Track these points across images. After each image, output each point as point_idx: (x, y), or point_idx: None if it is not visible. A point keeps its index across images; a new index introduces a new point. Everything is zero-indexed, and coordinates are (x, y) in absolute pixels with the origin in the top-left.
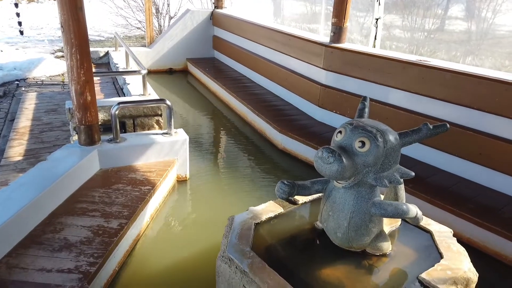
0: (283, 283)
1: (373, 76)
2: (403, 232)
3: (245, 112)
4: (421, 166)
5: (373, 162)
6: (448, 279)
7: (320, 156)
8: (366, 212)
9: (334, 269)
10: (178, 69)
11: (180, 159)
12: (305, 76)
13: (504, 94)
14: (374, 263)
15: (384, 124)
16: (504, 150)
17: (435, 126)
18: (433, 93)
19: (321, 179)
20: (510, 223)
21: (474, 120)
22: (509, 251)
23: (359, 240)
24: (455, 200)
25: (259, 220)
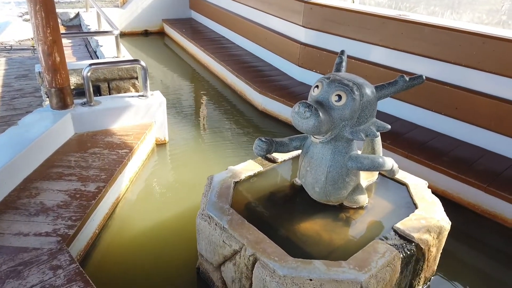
0: (261, 237)
1: (353, 33)
2: (380, 186)
3: (225, 74)
4: (400, 122)
5: (349, 115)
6: (421, 227)
7: (297, 111)
8: (343, 166)
9: (312, 223)
10: (154, 31)
11: (158, 122)
12: (284, 35)
13: (482, 48)
14: (351, 216)
15: (361, 78)
16: (480, 104)
17: (411, 78)
18: (412, 49)
19: (299, 135)
20: (483, 175)
21: (451, 75)
22: (482, 202)
23: (336, 194)
24: (431, 154)
25: (238, 178)
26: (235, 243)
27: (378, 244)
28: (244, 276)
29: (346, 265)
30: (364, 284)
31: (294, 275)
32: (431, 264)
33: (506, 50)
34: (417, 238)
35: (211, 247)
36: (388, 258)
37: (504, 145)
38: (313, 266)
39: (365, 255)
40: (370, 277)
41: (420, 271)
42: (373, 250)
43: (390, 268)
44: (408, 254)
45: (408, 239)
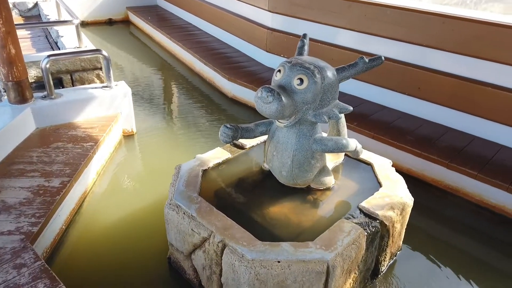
0: (230, 223)
1: (319, 17)
2: (346, 166)
3: (193, 62)
4: (366, 104)
5: (312, 98)
6: (385, 205)
7: (259, 96)
8: (308, 149)
9: (280, 206)
10: (118, 20)
11: (124, 113)
12: (251, 20)
13: (442, 28)
14: (318, 197)
15: (323, 61)
16: (441, 83)
17: (370, 59)
18: (376, 31)
19: (265, 121)
20: (446, 152)
21: (414, 55)
22: (444, 177)
23: (303, 177)
24: (396, 133)
25: (206, 166)
26: (203, 230)
27: (344, 223)
28: (214, 263)
29: (313, 245)
30: (331, 262)
31: (262, 258)
32: (396, 240)
33: (465, 29)
34: (381, 216)
35: (180, 236)
36: (353, 236)
37: (465, 122)
38: (281, 249)
39: (331, 234)
40: (336, 255)
41: (386, 247)
42: (339, 229)
43: (356, 245)
44: (373, 231)
45: (373, 217)
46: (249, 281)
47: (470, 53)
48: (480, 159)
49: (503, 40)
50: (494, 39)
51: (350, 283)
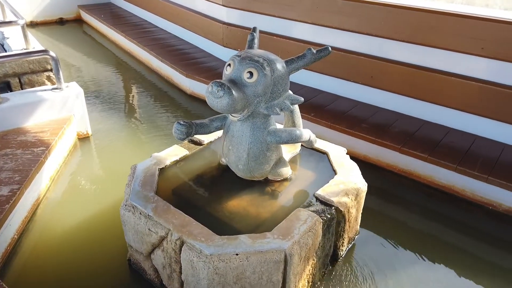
0: (188, 220)
1: (273, 10)
2: (303, 157)
3: (149, 59)
4: (323, 94)
5: (262, 91)
6: (340, 191)
7: (210, 91)
8: (263, 141)
9: (239, 200)
10: (70, 19)
11: (78, 115)
12: (207, 15)
13: (390, 17)
14: (276, 188)
15: (272, 54)
16: (393, 71)
17: (318, 51)
18: (328, 23)
19: (219, 115)
20: (398, 137)
21: (365, 45)
22: (398, 162)
23: (259, 169)
24: (352, 122)
25: (163, 165)
26: (161, 229)
27: (300, 212)
28: (173, 261)
29: (271, 235)
30: (288, 251)
31: (221, 252)
32: (353, 225)
33: (412, 19)
34: (336, 202)
35: (138, 236)
36: (309, 224)
37: (416, 108)
38: (239, 241)
39: (289, 223)
40: (293, 243)
41: (343, 232)
42: (295, 218)
43: (312, 233)
44: (329, 218)
45: (329, 204)
46: (208, 276)
47: (418, 41)
48: (430, 142)
49: (449, 28)
50: (441, 27)
51: (309, 270)
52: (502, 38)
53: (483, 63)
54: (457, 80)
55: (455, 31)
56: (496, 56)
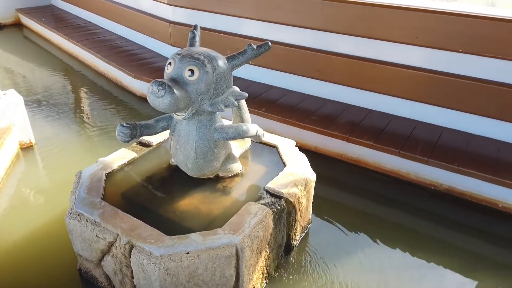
0: (137, 223)
1: (220, 7)
2: (254, 151)
3: (96, 62)
4: (273, 90)
5: (205, 89)
6: (289, 183)
7: (151, 91)
8: (210, 138)
9: (190, 199)
10: (8, 23)
11: (19, 124)
12: (152, 15)
13: (328, 12)
14: (227, 185)
15: (214, 51)
16: (338, 64)
17: (258, 46)
18: (274, 18)
19: (165, 115)
20: (345, 127)
21: (310, 40)
22: (346, 151)
23: (209, 166)
24: (301, 115)
25: (110, 169)
26: (108, 235)
27: (251, 206)
28: (124, 266)
29: (222, 231)
30: (239, 245)
31: (171, 252)
32: (304, 214)
33: (348, 11)
34: (286, 193)
35: (86, 244)
36: (260, 217)
37: (361, 98)
38: (189, 240)
39: (239, 218)
40: (244, 237)
41: (295, 222)
42: (246, 212)
43: (263, 225)
44: (279, 209)
45: (278, 196)
46: (159, 277)
47: (361, 34)
48: (375, 130)
49: (388, 20)
50: (381, 20)
51: (263, 261)
52: (434, 27)
53: (419, 51)
54: (397, 69)
55: (393, 22)
56: (430, 44)
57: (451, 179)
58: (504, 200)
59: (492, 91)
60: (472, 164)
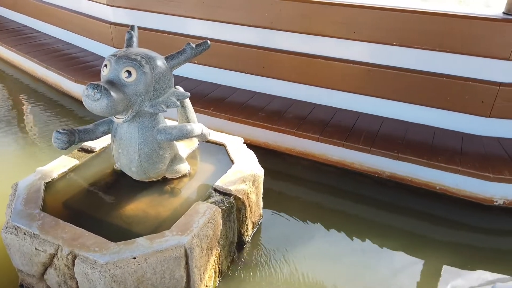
0: (79, 232)
1: (162, 7)
2: (202, 151)
3: (33, 68)
4: (221, 88)
5: (144, 90)
6: (237, 180)
7: (86, 94)
8: (153, 140)
9: (137, 203)
10: None
11: None
12: (92, 16)
13: (272, 9)
14: (176, 186)
15: (152, 51)
16: (282, 60)
17: (197, 45)
18: (217, 17)
19: (105, 119)
20: (292, 122)
21: (254, 37)
22: (294, 145)
23: (154, 169)
24: (250, 112)
25: (49, 178)
26: (49, 247)
27: (199, 205)
28: (68, 277)
29: (169, 233)
30: (188, 245)
31: (117, 259)
32: (254, 210)
33: (296, 9)
34: (234, 190)
35: (26, 259)
36: (208, 216)
37: (307, 93)
38: (136, 245)
39: (187, 218)
40: (193, 237)
41: (245, 218)
42: (194, 212)
43: (212, 224)
44: (228, 207)
45: (227, 193)
46: (105, 285)
47: (300, 30)
48: (321, 123)
49: (327, 16)
50: (316, 16)
51: (214, 260)
52: (370, 22)
53: (357, 46)
54: (338, 64)
55: (332, 19)
56: (367, 39)
57: (392, 166)
58: (440, 183)
59: (426, 81)
60: (410, 150)
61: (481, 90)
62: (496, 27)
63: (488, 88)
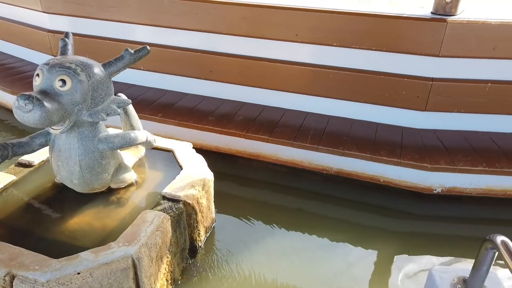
0: (17, 252)
1: (102, 14)
2: (149, 158)
3: None
4: (169, 94)
5: (81, 98)
6: (186, 185)
7: (17, 106)
8: (94, 150)
9: (82, 216)
10: None
11: None
12: (28, 24)
13: (214, 13)
14: (122, 196)
15: (89, 58)
16: (228, 64)
17: (136, 50)
18: (160, 22)
19: (41, 131)
20: (242, 124)
21: (201, 42)
22: (244, 147)
23: (98, 179)
24: (199, 117)
25: None
26: None
27: (147, 214)
28: None
29: (116, 244)
30: (135, 255)
31: (59, 275)
32: (206, 214)
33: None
34: (183, 196)
35: None
36: (156, 224)
37: (255, 95)
38: (80, 259)
39: (135, 228)
40: (140, 247)
41: (197, 223)
42: (142, 221)
43: (160, 231)
44: (177, 213)
45: (176, 199)
46: None
47: (245, 33)
48: (270, 124)
49: (266, 19)
50: (259, 19)
51: (165, 268)
52: (310, 25)
53: (300, 48)
54: (283, 66)
55: (275, 21)
56: (308, 40)
57: (339, 162)
58: (384, 175)
59: (366, 79)
60: (355, 146)
61: (416, 85)
62: (426, 26)
63: (422, 84)
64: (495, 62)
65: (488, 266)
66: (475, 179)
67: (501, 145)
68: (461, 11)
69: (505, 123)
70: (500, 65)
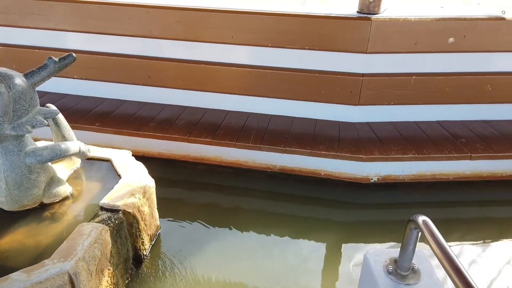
0: None
1: (26, 21)
2: (86, 169)
3: None
4: (107, 102)
5: (1, 112)
6: (125, 194)
7: None
8: (21, 165)
9: (12, 235)
10: None
11: None
12: None
13: (147, 17)
14: (57, 210)
15: (8, 69)
16: (166, 68)
17: (61, 58)
18: (91, 28)
19: None
20: (184, 129)
21: (138, 47)
22: (188, 151)
23: (28, 196)
24: (139, 123)
25: None
26: None
27: (84, 227)
28: None
29: (50, 261)
30: (72, 270)
31: None
32: (149, 222)
33: (168, 17)
34: (122, 205)
35: None
36: (94, 236)
37: (196, 99)
38: (10, 281)
39: (70, 243)
40: (77, 261)
41: (139, 232)
42: (78, 234)
43: (99, 243)
44: (117, 223)
45: (115, 209)
46: None
47: (181, 37)
48: (212, 127)
49: (201, 22)
50: (194, 22)
51: (107, 280)
52: (245, 26)
53: (237, 49)
54: (221, 68)
55: (210, 24)
56: (244, 42)
57: (281, 160)
58: (324, 169)
59: (302, 77)
60: (295, 143)
61: (348, 82)
62: (353, 25)
63: (353, 80)
64: (417, 56)
65: (413, 245)
66: (407, 166)
67: (428, 133)
68: (384, 9)
69: (430, 112)
70: (422, 58)
